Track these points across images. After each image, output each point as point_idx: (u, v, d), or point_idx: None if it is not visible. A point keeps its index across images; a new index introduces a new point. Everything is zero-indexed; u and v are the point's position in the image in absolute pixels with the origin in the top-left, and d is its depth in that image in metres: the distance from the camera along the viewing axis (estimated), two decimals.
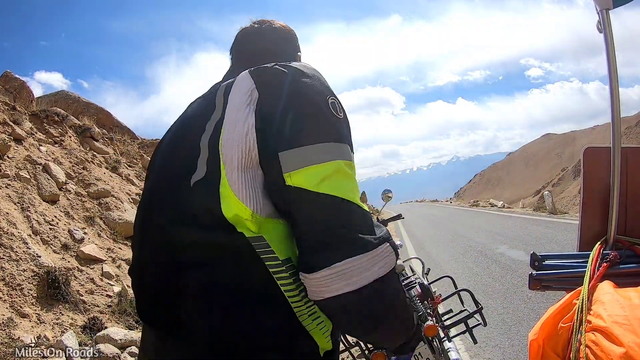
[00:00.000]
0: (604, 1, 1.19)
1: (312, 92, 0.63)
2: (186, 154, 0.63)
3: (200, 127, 0.63)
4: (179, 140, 0.71)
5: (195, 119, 0.67)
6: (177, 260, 0.61)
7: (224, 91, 0.65)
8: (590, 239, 1.27)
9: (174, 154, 0.69)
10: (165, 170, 0.70)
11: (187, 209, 0.60)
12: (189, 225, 0.60)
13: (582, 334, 0.91)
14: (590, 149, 1.34)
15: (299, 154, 0.57)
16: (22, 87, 6.06)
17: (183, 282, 0.59)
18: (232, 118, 0.60)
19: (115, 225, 4.40)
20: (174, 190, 0.63)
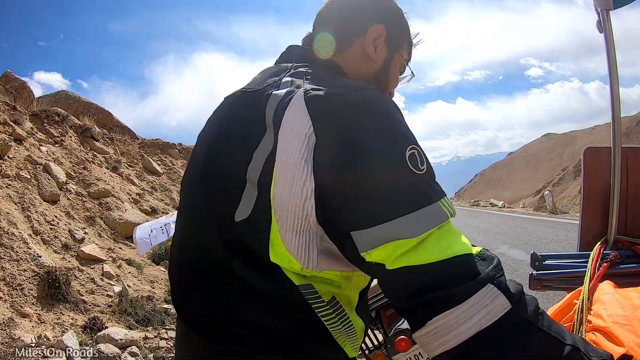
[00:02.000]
0: (604, 1, 1.19)
1: (387, 145, 0.50)
2: (226, 181, 0.55)
3: (245, 151, 0.53)
4: (217, 157, 0.59)
5: (239, 138, 0.56)
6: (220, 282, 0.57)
7: (275, 112, 0.53)
8: (590, 239, 1.27)
9: (212, 173, 0.59)
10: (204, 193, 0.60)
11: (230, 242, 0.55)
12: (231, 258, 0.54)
13: (583, 333, 0.91)
14: (591, 149, 1.34)
15: (375, 234, 0.48)
16: (22, 87, 6.07)
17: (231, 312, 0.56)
18: (285, 171, 0.50)
19: (116, 225, 4.40)
20: (215, 217, 0.56)
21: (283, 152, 0.51)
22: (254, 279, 0.53)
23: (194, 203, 0.63)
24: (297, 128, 0.51)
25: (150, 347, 2.96)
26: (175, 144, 8.60)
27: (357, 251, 0.49)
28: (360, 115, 0.50)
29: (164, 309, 3.46)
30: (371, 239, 0.48)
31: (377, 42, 0.69)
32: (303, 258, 0.51)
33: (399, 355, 1.57)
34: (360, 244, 0.48)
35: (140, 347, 2.90)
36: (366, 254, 0.48)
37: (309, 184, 0.49)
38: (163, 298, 3.67)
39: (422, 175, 0.50)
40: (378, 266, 0.49)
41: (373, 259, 0.48)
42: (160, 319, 3.30)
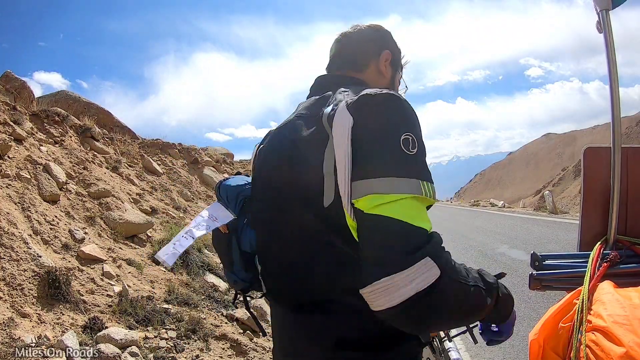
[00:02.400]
0: (603, 1, 1.19)
1: (389, 127, 0.69)
2: (309, 179, 0.73)
3: (317, 152, 0.73)
4: (297, 159, 0.79)
5: (310, 142, 0.76)
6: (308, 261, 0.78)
7: (327, 120, 0.74)
8: (590, 238, 1.27)
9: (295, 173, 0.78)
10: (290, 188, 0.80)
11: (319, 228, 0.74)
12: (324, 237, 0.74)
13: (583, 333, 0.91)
14: (591, 149, 1.34)
15: (364, 185, 0.65)
16: (22, 87, 6.06)
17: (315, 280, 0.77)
18: (340, 157, 0.69)
19: (116, 225, 4.40)
20: (306, 207, 0.75)
21: (337, 135, 0.70)
22: (347, 247, 0.71)
23: (285, 202, 0.81)
24: (343, 125, 0.69)
25: (150, 347, 2.96)
26: (175, 144, 8.60)
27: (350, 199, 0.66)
28: (380, 107, 0.70)
29: (164, 309, 3.46)
30: (361, 189, 0.65)
31: (386, 63, 0.96)
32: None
33: None
34: (354, 193, 0.66)
35: (140, 347, 2.90)
36: (355, 200, 0.66)
37: (348, 155, 0.67)
38: (163, 298, 3.67)
39: (410, 156, 0.66)
40: (359, 212, 0.65)
41: (359, 205, 0.65)
42: (160, 319, 3.30)
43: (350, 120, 0.69)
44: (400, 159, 0.66)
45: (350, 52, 0.95)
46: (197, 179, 8.14)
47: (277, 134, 0.90)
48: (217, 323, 3.53)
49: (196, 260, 4.51)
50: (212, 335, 3.34)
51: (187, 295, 3.81)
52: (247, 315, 3.79)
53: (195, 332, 3.27)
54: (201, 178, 8.31)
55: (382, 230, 0.63)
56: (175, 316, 3.41)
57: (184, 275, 4.26)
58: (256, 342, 3.51)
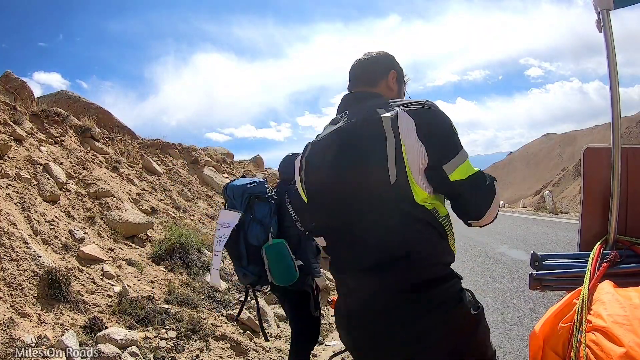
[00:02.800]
0: (604, 1, 1.19)
1: (445, 120, 1.05)
2: (375, 165, 1.02)
3: (379, 148, 1.01)
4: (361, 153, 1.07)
5: (371, 139, 1.04)
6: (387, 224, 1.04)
7: (391, 123, 1.02)
8: (590, 239, 1.27)
9: (362, 163, 1.06)
10: (359, 174, 1.07)
11: (390, 199, 1.02)
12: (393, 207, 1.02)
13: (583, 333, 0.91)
14: (591, 149, 1.34)
15: (452, 164, 1.01)
16: (22, 87, 6.06)
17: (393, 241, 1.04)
18: (410, 145, 1.00)
19: (116, 225, 4.40)
20: (377, 187, 1.03)
21: (406, 138, 1.00)
22: (414, 210, 1.01)
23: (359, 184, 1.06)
24: (408, 126, 1.01)
25: (150, 347, 2.96)
26: (175, 144, 8.59)
27: (446, 175, 1.01)
28: (433, 113, 1.04)
29: (164, 309, 3.46)
30: (450, 167, 1.01)
31: (393, 80, 1.24)
32: (426, 188, 1.02)
33: None
34: (447, 170, 1.01)
35: (140, 347, 2.90)
36: (450, 175, 1.01)
37: (420, 145, 1.00)
38: (163, 298, 3.67)
39: (458, 135, 1.05)
40: (457, 181, 1.02)
41: (455, 178, 1.01)
42: (160, 319, 3.30)
43: (412, 122, 1.01)
44: (457, 139, 1.05)
45: (365, 73, 1.24)
46: (197, 179, 8.13)
47: (332, 137, 1.14)
48: (217, 323, 3.53)
49: (196, 260, 4.50)
50: (212, 335, 3.34)
51: (187, 295, 3.81)
52: (247, 315, 3.78)
53: (195, 332, 3.27)
54: (201, 178, 8.31)
55: (476, 182, 1.03)
56: (175, 316, 3.41)
57: (184, 275, 4.25)
58: (256, 342, 3.51)
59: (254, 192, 2.30)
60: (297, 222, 2.30)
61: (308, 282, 2.33)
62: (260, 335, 3.69)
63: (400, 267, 1.02)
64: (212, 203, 7.48)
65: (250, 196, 2.28)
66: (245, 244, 2.23)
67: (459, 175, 1.01)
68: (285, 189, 2.38)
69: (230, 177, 9.39)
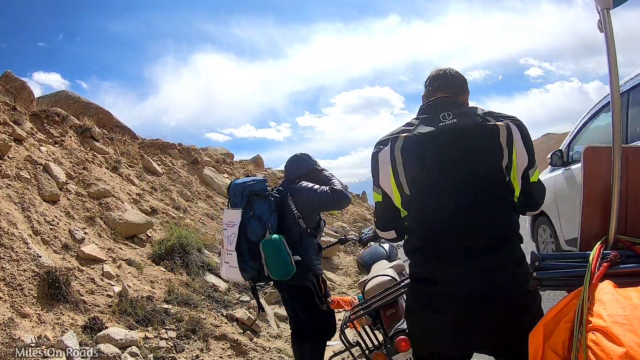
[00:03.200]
0: (604, 1, 1.19)
1: (527, 131, 1.29)
2: (491, 163, 1.26)
3: (497, 150, 1.25)
4: (477, 152, 1.27)
5: (486, 142, 1.26)
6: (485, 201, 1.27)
7: (506, 132, 1.25)
8: (590, 239, 1.27)
9: (478, 160, 1.27)
10: (474, 168, 1.26)
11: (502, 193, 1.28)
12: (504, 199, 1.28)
13: (583, 333, 0.91)
14: (591, 149, 1.34)
15: (534, 168, 1.29)
16: (22, 87, 6.06)
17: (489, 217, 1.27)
18: (519, 151, 1.25)
19: (116, 225, 4.40)
20: (491, 182, 1.26)
21: (517, 145, 1.25)
22: (514, 203, 1.29)
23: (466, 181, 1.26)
24: (517, 136, 1.25)
25: (150, 347, 2.96)
26: (175, 144, 8.59)
27: (529, 177, 1.28)
28: (525, 126, 1.29)
29: (164, 309, 3.46)
30: (533, 170, 1.29)
31: (467, 96, 1.47)
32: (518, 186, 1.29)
33: (399, 355, 1.57)
34: (531, 173, 1.28)
35: (140, 347, 2.90)
36: (531, 177, 1.29)
37: (525, 156, 1.26)
38: (163, 298, 3.67)
39: None
40: (535, 184, 1.31)
41: (532, 179, 1.29)
42: (160, 319, 3.30)
43: (518, 132, 1.26)
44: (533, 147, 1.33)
45: (452, 84, 1.44)
46: (196, 179, 8.13)
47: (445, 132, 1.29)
48: (217, 323, 3.53)
49: (196, 260, 4.50)
50: (212, 335, 3.34)
51: (187, 295, 3.81)
52: (247, 315, 3.78)
53: (195, 332, 3.27)
54: (201, 178, 8.31)
55: (540, 184, 1.34)
56: (175, 316, 3.41)
57: (184, 275, 4.25)
58: (256, 342, 3.51)
59: (253, 189, 2.34)
60: (299, 220, 2.33)
61: (309, 278, 2.36)
62: (260, 335, 3.69)
63: (506, 248, 1.24)
64: (212, 203, 7.48)
65: (250, 193, 2.33)
66: (246, 240, 2.28)
67: (534, 178, 1.30)
68: (288, 188, 2.42)
69: (230, 177, 9.39)
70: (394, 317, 1.73)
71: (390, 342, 1.58)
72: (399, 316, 1.73)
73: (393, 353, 1.58)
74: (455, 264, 1.23)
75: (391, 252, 2.56)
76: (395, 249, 2.66)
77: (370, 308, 1.74)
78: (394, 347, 1.56)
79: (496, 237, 1.24)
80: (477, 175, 1.26)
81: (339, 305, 2.44)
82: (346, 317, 1.81)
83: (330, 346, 3.51)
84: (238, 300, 4.21)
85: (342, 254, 7.34)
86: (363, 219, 11.45)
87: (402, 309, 1.79)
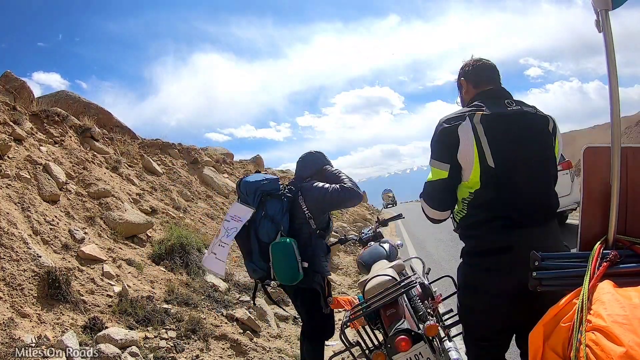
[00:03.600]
0: (603, 1, 1.19)
1: None
2: (547, 147, 1.50)
3: (551, 137, 1.51)
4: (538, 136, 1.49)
5: (544, 128, 1.51)
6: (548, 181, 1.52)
7: (554, 123, 1.53)
8: (590, 238, 1.27)
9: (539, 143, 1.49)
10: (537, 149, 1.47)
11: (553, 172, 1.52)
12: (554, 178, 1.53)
13: (583, 333, 0.91)
14: (590, 149, 1.34)
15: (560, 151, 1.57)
16: (22, 87, 6.06)
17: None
18: (560, 140, 1.55)
19: (116, 225, 4.40)
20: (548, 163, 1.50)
21: (558, 134, 1.55)
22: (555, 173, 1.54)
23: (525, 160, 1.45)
24: (558, 128, 1.56)
25: (150, 347, 2.96)
26: (175, 144, 8.59)
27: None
28: None
29: (164, 309, 3.46)
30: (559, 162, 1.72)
31: None
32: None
33: (399, 355, 1.56)
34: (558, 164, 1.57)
35: (140, 347, 2.90)
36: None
37: (561, 146, 1.56)
38: (163, 298, 3.67)
39: None
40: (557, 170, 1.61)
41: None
42: (160, 319, 3.30)
43: (557, 124, 1.54)
44: None
45: (498, 75, 1.63)
46: (196, 179, 8.13)
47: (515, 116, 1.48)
48: (217, 323, 3.53)
49: (196, 260, 4.50)
50: (212, 335, 3.34)
51: (187, 295, 3.81)
52: (247, 315, 3.78)
53: (195, 332, 3.27)
54: (201, 178, 8.31)
55: None
56: (175, 316, 3.41)
57: (184, 275, 4.25)
58: (256, 342, 3.51)
59: (266, 189, 2.30)
60: (309, 220, 2.29)
61: (318, 280, 2.32)
62: (260, 335, 3.69)
63: (554, 219, 1.49)
64: (212, 203, 7.48)
65: (262, 193, 2.29)
66: (257, 240, 2.25)
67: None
68: (299, 186, 2.38)
69: (230, 177, 9.39)
70: (394, 317, 1.73)
71: (391, 342, 1.58)
72: (399, 316, 1.73)
73: (393, 353, 1.57)
74: (536, 225, 1.42)
75: (391, 252, 2.56)
76: (395, 249, 2.66)
77: (370, 308, 1.74)
78: (394, 347, 1.56)
79: (554, 208, 1.50)
80: (543, 155, 1.48)
81: (339, 305, 2.43)
82: (346, 317, 1.80)
83: (330, 346, 3.51)
84: (238, 300, 4.21)
85: (342, 254, 7.34)
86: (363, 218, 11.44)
87: (402, 309, 1.79)
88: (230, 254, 5.42)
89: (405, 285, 1.77)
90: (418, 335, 1.58)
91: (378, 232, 2.91)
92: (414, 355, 1.56)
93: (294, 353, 3.42)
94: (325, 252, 2.39)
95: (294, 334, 3.88)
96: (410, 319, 1.79)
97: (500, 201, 1.41)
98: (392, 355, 1.58)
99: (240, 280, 4.70)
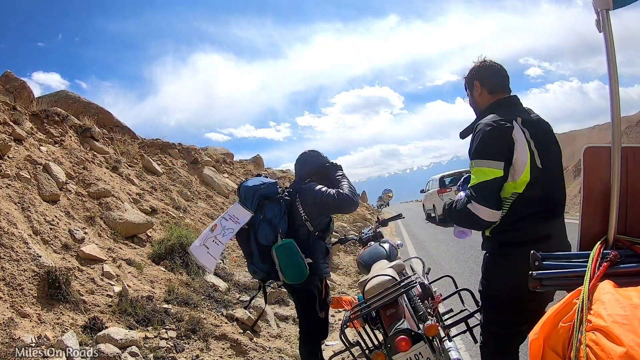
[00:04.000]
0: (603, 1, 1.19)
1: None
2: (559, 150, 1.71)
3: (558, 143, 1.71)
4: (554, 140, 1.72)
5: (554, 136, 1.73)
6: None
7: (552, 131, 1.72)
8: (590, 238, 1.27)
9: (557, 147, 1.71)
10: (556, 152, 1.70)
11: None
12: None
13: (583, 333, 0.91)
14: (591, 149, 1.34)
15: None
16: (22, 87, 6.06)
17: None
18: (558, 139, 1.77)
19: (116, 225, 4.40)
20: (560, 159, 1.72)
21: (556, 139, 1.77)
22: None
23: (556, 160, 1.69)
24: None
25: (150, 347, 2.96)
26: (175, 144, 8.59)
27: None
28: None
29: (164, 309, 3.46)
30: None
31: None
32: None
33: (399, 355, 1.56)
34: None
35: (140, 347, 2.90)
36: None
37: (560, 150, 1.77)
38: (163, 298, 3.67)
39: None
40: None
41: None
42: (160, 319, 3.30)
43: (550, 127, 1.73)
44: None
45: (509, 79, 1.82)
46: (196, 179, 8.13)
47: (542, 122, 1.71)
48: (217, 323, 3.53)
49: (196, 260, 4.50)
50: (212, 335, 3.34)
51: (187, 295, 3.81)
52: (247, 315, 3.78)
53: (195, 332, 3.27)
54: (201, 178, 8.31)
55: None
56: (175, 316, 3.41)
57: (184, 275, 4.25)
58: (256, 342, 3.51)
59: (263, 193, 2.32)
60: (306, 222, 2.30)
61: (314, 282, 2.32)
62: (260, 335, 3.69)
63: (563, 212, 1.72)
64: (212, 203, 7.48)
65: (261, 197, 2.31)
66: (256, 243, 2.28)
67: None
68: (297, 188, 2.38)
69: (230, 177, 9.39)
70: (394, 317, 1.73)
71: (391, 342, 1.58)
72: (399, 316, 1.73)
73: (393, 353, 1.57)
74: (562, 215, 1.70)
75: (391, 252, 2.56)
76: (395, 248, 2.65)
77: (370, 308, 1.74)
78: (394, 347, 1.56)
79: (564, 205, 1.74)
80: (559, 155, 1.71)
81: (339, 305, 2.43)
82: (346, 317, 1.80)
83: (330, 346, 3.51)
84: (238, 300, 4.21)
85: (342, 254, 7.34)
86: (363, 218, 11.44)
87: (402, 309, 1.79)
88: (231, 254, 5.42)
89: (405, 285, 1.77)
90: (418, 335, 1.58)
91: (378, 232, 2.91)
92: (414, 355, 1.56)
93: (294, 353, 3.42)
94: (325, 254, 2.38)
95: (294, 334, 3.88)
96: (410, 319, 1.79)
97: (545, 197, 1.61)
98: (392, 355, 1.58)
99: (240, 280, 4.70)
